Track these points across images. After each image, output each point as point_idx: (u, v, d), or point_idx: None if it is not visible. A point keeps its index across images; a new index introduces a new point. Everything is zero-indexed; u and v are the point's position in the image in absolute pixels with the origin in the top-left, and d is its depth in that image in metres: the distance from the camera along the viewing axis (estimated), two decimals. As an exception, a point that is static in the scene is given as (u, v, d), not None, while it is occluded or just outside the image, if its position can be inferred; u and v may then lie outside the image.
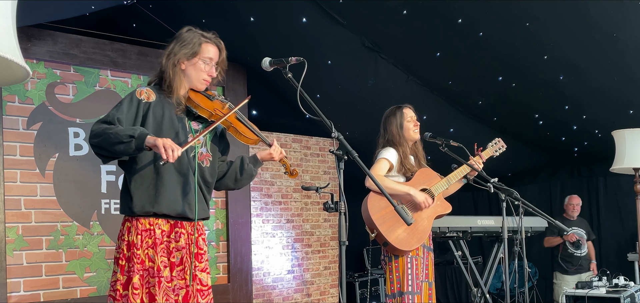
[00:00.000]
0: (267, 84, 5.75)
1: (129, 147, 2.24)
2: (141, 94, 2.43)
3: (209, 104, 2.52)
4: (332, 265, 6.52)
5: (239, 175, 2.66)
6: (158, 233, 2.39)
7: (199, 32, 2.54)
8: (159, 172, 2.39)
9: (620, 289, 5.02)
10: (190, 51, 2.48)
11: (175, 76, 2.46)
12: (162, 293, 2.33)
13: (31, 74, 1.82)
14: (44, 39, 4.35)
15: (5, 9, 1.62)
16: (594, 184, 6.90)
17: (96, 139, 2.28)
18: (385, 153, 3.52)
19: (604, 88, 4.94)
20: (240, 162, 2.66)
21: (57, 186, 4.37)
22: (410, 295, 3.38)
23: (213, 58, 2.54)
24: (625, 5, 4.04)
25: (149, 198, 2.37)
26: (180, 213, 2.41)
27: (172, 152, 2.22)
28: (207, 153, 2.55)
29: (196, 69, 2.50)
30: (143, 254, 2.36)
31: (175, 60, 2.47)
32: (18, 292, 4.14)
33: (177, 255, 2.41)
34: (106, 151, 2.28)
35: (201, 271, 2.47)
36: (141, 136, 2.24)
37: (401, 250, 3.36)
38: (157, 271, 2.34)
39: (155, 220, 2.39)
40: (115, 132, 2.25)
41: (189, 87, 2.53)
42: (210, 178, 2.55)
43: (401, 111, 3.60)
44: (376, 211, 3.36)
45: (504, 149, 3.84)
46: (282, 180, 6.11)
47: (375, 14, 4.57)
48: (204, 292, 2.46)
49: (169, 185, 2.39)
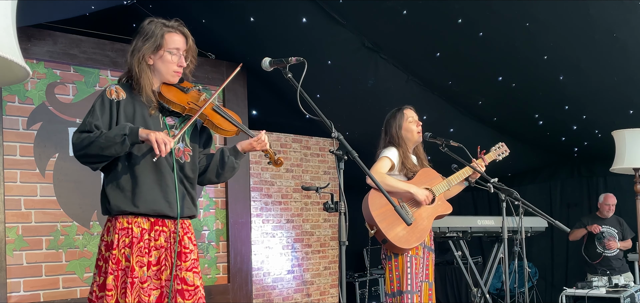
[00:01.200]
0: (267, 84, 5.75)
1: (125, 145, 2.20)
2: (111, 93, 2.35)
3: (183, 98, 2.41)
4: (332, 265, 6.52)
5: (220, 169, 2.53)
6: (136, 232, 2.30)
7: (161, 22, 2.42)
8: (133, 171, 2.32)
9: (620, 289, 5.02)
10: (153, 44, 2.37)
11: (142, 73, 2.36)
12: (134, 294, 2.25)
13: (31, 74, 1.82)
14: (44, 39, 4.35)
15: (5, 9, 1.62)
16: (594, 185, 6.90)
17: (82, 151, 2.23)
18: (387, 152, 3.53)
19: (604, 88, 4.94)
20: (221, 155, 2.54)
21: (57, 186, 4.37)
22: (409, 294, 3.39)
23: (180, 47, 2.41)
24: (625, 5, 4.04)
25: (124, 198, 2.30)
26: (158, 212, 2.33)
27: (164, 146, 2.17)
28: (186, 147, 2.44)
29: (164, 62, 2.38)
30: (119, 253, 2.28)
31: (140, 56, 2.36)
32: (18, 292, 4.14)
33: (154, 254, 2.33)
34: (97, 157, 2.23)
35: (186, 270, 2.36)
36: (133, 131, 2.21)
37: (400, 247, 3.36)
38: (131, 271, 2.26)
39: (134, 218, 2.31)
40: (105, 136, 2.20)
41: (161, 81, 2.42)
42: (191, 174, 2.45)
43: (401, 112, 3.61)
44: (376, 208, 3.37)
45: (507, 154, 3.83)
46: (282, 180, 6.11)
47: (375, 14, 4.57)
48: (190, 292, 2.36)
49: (145, 184, 2.32)
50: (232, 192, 5.36)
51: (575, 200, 7.10)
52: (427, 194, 3.45)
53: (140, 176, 2.32)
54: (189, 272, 2.38)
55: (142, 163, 2.33)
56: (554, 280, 7.13)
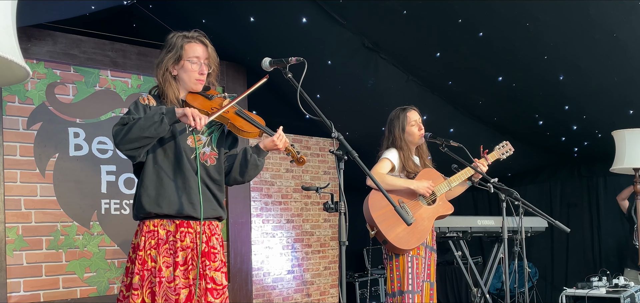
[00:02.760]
0: (267, 84, 5.73)
1: (163, 124, 2.29)
2: (144, 100, 2.49)
3: (207, 104, 2.53)
4: (332, 265, 6.52)
5: (243, 167, 2.64)
6: (162, 234, 2.43)
7: (182, 35, 2.55)
8: (159, 175, 2.45)
9: (620, 289, 5.02)
10: (174, 55, 2.51)
11: (166, 83, 2.51)
12: (161, 294, 2.36)
13: (31, 74, 1.82)
14: (44, 39, 4.35)
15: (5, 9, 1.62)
16: (594, 184, 6.90)
17: (124, 137, 2.31)
18: (387, 153, 3.54)
19: (604, 88, 4.94)
20: (243, 153, 2.66)
21: (57, 186, 4.37)
22: (410, 294, 3.39)
23: (200, 56, 2.54)
24: (625, 5, 4.04)
25: (149, 201, 2.42)
26: (182, 213, 2.44)
27: (199, 120, 2.28)
28: (212, 151, 2.57)
29: (186, 71, 2.52)
30: (145, 255, 2.40)
31: (164, 67, 2.51)
32: (18, 292, 4.14)
33: (181, 255, 2.43)
34: (138, 140, 2.30)
35: (215, 270, 2.48)
36: (170, 110, 2.32)
37: (400, 248, 3.36)
38: (159, 271, 2.38)
39: (159, 221, 2.44)
40: (144, 118, 2.31)
41: (186, 91, 2.56)
42: (217, 176, 2.57)
43: (405, 113, 3.61)
44: (377, 209, 3.37)
45: (511, 153, 3.83)
46: (282, 180, 6.11)
47: (375, 14, 4.57)
48: (219, 291, 2.48)
49: (169, 187, 2.44)
50: (232, 192, 5.36)
51: (575, 200, 7.10)
52: (428, 183, 3.44)
53: (164, 180, 2.45)
54: (217, 272, 2.49)
55: (168, 166, 2.46)
56: (554, 280, 7.13)
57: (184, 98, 2.54)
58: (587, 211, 6.93)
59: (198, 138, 2.51)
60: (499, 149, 3.80)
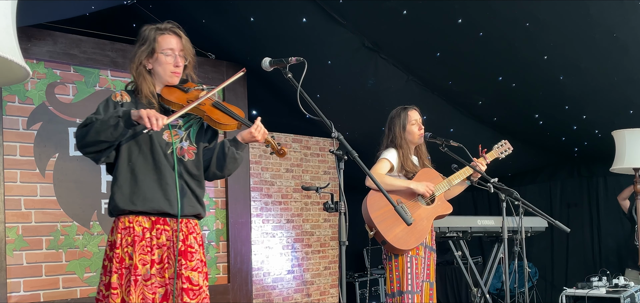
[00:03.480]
0: (267, 84, 5.75)
1: (119, 127, 2.23)
2: (116, 96, 2.43)
3: (183, 97, 2.45)
4: (332, 265, 6.52)
5: (221, 161, 2.53)
6: (138, 231, 2.35)
7: (155, 27, 2.48)
8: (133, 171, 2.37)
9: (620, 289, 5.02)
10: (147, 48, 2.44)
11: (140, 77, 2.44)
12: (138, 291, 2.29)
13: (31, 74, 1.82)
14: (44, 39, 4.35)
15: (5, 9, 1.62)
16: (594, 184, 6.90)
17: (82, 140, 2.28)
18: (386, 154, 3.54)
19: (604, 88, 4.94)
20: (221, 146, 2.55)
21: (57, 186, 4.37)
22: (409, 295, 3.39)
23: (174, 48, 2.45)
24: (625, 5, 4.04)
25: (123, 198, 2.35)
26: (158, 210, 2.37)
27: (155, 121, 2.20)
28: (191, 145, 2.48)
29: (161, 64, 2.45)
30: (122, 252, 2.33)
31: (138, 62, 2.44)
32: (18, 292, 4.14)
33: (157, 253, 2.36)
34: (96, 144, 2.26)
35: (191, 270, 2.39)
36: (126, 113, 2.25)
37: (399, 249, 3.36)
38: (134, 269, 2.30)
39: (135, 217, 2.36)
40: (100, 121, 2.25)
41: (162, 84, 2.48)
42: (196, 171, 2.48)
43: (406, 112, 3.61)
44: (375, 209, 3.37)
45: (510, 152, 3.81)
46: (282, 180, 6.11)
47: (375, 14, 4.57)
48: (195, 292, 2.38)
49: (144, 183, 2.36)
50: (232, 192, 5.36)
51: (575, 200, 7.10)
52: (428, 184, 3.44)
53: (139, 175, 2.37)
54: (194, 272, 2.40)
55: (143, 162, 2.38)
56: (554, 280, 7.13)
57: (160, 92, 2.46)
58: (587, 211, 6.92)
59: (175, 133, 2.42)
60: (497, 148, 3.79)
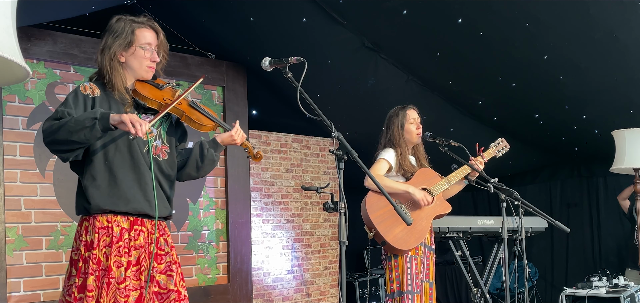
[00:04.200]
0: (267, 84, 5.75)
1: (95, 130, 2.11)
2: (86, 89, 2.30)
3: (158, 94, 2.39)
4: (332, 265, 6.52)
5: (199, 162, 2.49)
6: (116, 231, 2.26)
7: (130, 19, 2.40)
8: (111, 170, 2.28)
9: (620, 289, 5.02)
10: (124, 41, 2.34)
11: (114, 71, 2.32)
12: (110, 294, 2.20)
13: (31, 74, 1.82)
14: (44, 39, 4.35)
15: (5, 9, 1.62)
16: (594, 184, 6.90)
17: (51, 136, 2.15)
18: (384, 154, 3.54)
19: (604, 88, 4.94)
20: (200, 148, 2.50)
21: (57, 186, 4.37)
22: (409, 295, 3.39)
23: (151, 43, 2.39)
24: (625, 5, 4.03)
25: (101, 197, 2.26)
26: (138, 211, 2.30)
27: (139, 127, 2.10)
28: (163, 145, 2.42)
29: (137, 58, 2.36)
30: (100, 253, 2.24)
31: (111, 54, 2.33)
32: (18, 292, 4.14)
33: (134, 254, 2.29)
34: (67, 143, 2.14)
35: (160, 273, 2.34)
36: (104, 116, 2.13)
37: (399, 249, 3.37)
38: (108, 271, 2.21)
39: (113, 217, 2.27)
40: (74, 120, 2.12)
41: (134, 78, 2.40)
42: (170, 171, 2.43)
43: (404, 111, 3.61)
44: (374, 210, 3.37)
45: (507, 150, 3.82)
46: (282, 180, 6.11)
47: (375, 14, 4.56)
48: (162, 295, 2.32)
49: (124, 183, 2.28)
50: (232, 192, 5.36)
51: (575, 200, 7.09)
52: (425, 194, 3.44)
53: (119, 174, 2.28)
54: (162, 275, 2.34)
55: (121, 161, 2.30)
56: (554, 280, 7.13)
57: (132, 87, 2.38)
58: (587, 211, 6.92)
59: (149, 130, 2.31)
60: (494, 147, 3.80)
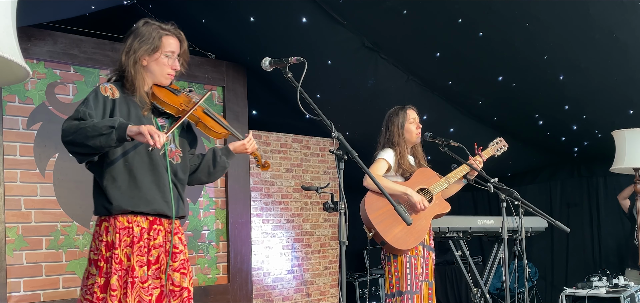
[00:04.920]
0: (267, 84, 5.75)
1: (110, 139, 2.15)
2: (106, 90, 2.34)
3: (175, 100, 2.45)
4: (332, 265, 6.52)
5: (212, 168, 2.57)
6: (136, 231, 2.32)
7: (157, 25, 2.44)
8: (131, 171, 2.33)
9: (620, 289, 5.02)
10: (150, 47, 2.38)
11: (137, 74, 2.37)
12: (134, 294, 2.27)
13: (31, 74, 1.82)
14: (44, 39, 4.35)
15: (5, 9, 1.62)
16: (594, 184, 6.90)
17: (70, 137, 2.19)
18: (383, 154, 3.54)
19: (604, 88, 4.94)
20: (213, 155, 2.58)
21: (57, 186, 4.37)
22: (409, 295, 3.39)
23: (175, 51, 2.44)
24: (625, 5, 4.04)
25: (122, 197, 2.31)
26: (158, 211, 2.36)
27: (158, 138, 2.14)
28: (176, 148, 2.48)
29: (159, 64, 2.41)
30: (121, 253, 2.29)
31: (136, 57, 2.37)
32: (18, 292, 4.14)
33: (154, 253, 2.36)
34: (83, 147, 2.19)
35: (174, 271, 2.39)
36: (122, 125, 2.16)
37: (398, 249, 3.37)
38: (131, 271, 2.27)
39: (133, 217, 2.33)
40: (92, 125, 2.16)
41: (152, 82, 2.44)
42: (182, 174, 2.49)
43: (404, 111, 3.62)
44: (373, 210, 3.37)
45: (506, 149, 3.83)
46: (282, 180, 6.11)
47: (375, 14, 4.57)
48: (175, 294, 2.39)
49: (143, 184, 2.34)
50: (232, 192, 5.36)
51: (575, 200, 7.09)
52: (421, 198, 3.43)
53: (138, 176, 2.34)
54: (176, 273, 2.41)
55: (140, 163, 2.35)
56: (554, 280, 7.13)
57: (150, 90, 2.43)
58: (587, 211, 6.92)
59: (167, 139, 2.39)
60: (493, 146, 3.80)
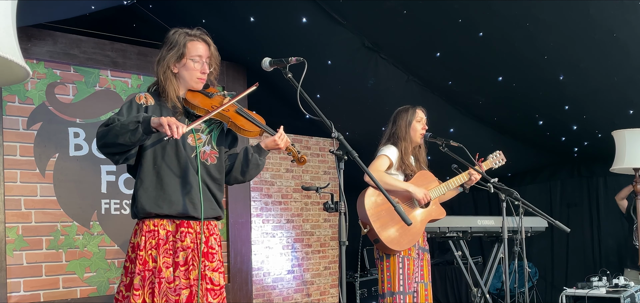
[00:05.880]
0: (267, 84, 5.74)
1: (137, 132, 2.25)
2: (140, 99, 2.47)
3: (207, 102, 2.51)
4: (332, 265, 6.52)
5: (244, 167, 2.63)
6: (162, 234, 2.41)
7: (184, 32, 2.52)
8: (159, 174, 2.42)
9: (620, 289, 5.02)
10: (177, 53, 2.48)
11: (167, 81, 2.47)
12: (161, 295, 2.35)
13: (31, 74, 1.82)
14: (44, 39, 4.35)
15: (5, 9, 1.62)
16: (594, 184, 6.90)
17: (102, 140, 2.31)
18: (385, 150, 3.54)
19: (604, 88, 4.94)
20: (244, 153, 2.64)
21: (57, 186, 4.37)
22: (401, 296, 3.40)
23: (202, 55, 2.52)
24: (625, 5, 4.03)
25: (149, 200, 2.40)
26: (182, 213, 2.42)
27: (176, 128, 2.22)
28: (212, 150, 2.55)
29: (188, 70, 2.50)
30: (146, 255, 2.38)
31: (165, 65, 2.48)
32: (18, 292, 4.14)
33: (181, 255, 2.42)
34: (115, 146, 2.30)
35: (212, 271, 2.48)
36: (146, 119, 2.27)
37: (391, 249, 3.37)
38: (159, 272, 2.36)
39: (159, 221, 2.41)
40: (120, 124, 2.28)
41: (186, 88, 2.54)
42: (218, 175, 2.55)
43: (414, 110, 3.64)
44: (371, 206, 3.38)
45: (503, 163, 3.93)
46: (282, 180, 6.11)
47: (375, 14, 4.57)
48: (216, 292, 2.47)
49: (169, 186, 2.41)
50: (232, 192, 5.36)
51: (575, 200, 7.09)
52: (426, 192, 3.45)
53: (165, 178, 2.42)
54: (215, 273, 2.49)
55: (168, 165, 2.43)
56: (554, 280, 7.13)
57: (184, 96, 2.51)
58: (587, 211, 6.92)
59: (198, 136, 2.49)
60: (492, 158, 3.89)
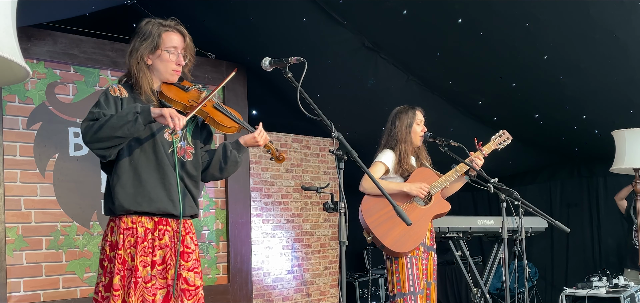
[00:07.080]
0: (267, 84, 5.75)
1: (137, 124, 2.18)
2: (115, 91, 2.35)
3: (183, 96, 2.42)
4: (332, 265, 6.52)
5: (223, 163, 2.53)
6: (141, 232, 2.31)
7: (158, 22, 2.43)
8: (136, 171, 2.32)
9: (620, 289, 5.02)
10: (151, 44, 2.38)
11: (141, 73, 2.37)
12: (137, 294, 2.26)
13: (31, 74, 1.82)
14: (44, 39, 4.34)
15: (5, 9, 1.62)
16: (594, 184, 6.89)
17: (94, 136, 2.20)
18: (381, 156, 3.53)
19: (604, 88, 4.94)
20: (223, 149, 2.54)
21: (57, 186, 4.37)
22: (412, 296, 3.39)
23: (177, 46, 2.42)
24: (625, 5, 4.03)
25: (128, 197, 2.30)
26: (162, 210, 2.34)
27: (178, 121, 2.17)
28: (188, 145, 2.46)
29: (162, 61, 2.40)
30: (125, 253, 2.29)
31: (138, 56, 2.37)
32: (18, 292, 4.14)
33: (159, 254, 2.34)
34: (109, 140, 2.20)
35: (188, 270, 2.39)
36: (145, 109, 2.19)
37: (397, 252, 3.37)
38: (135, 271, 2.27)
39: (138, 218, 2.32)
40: (116, 117, 2.19)
41: (160, 81, 2.43)
42: (194, 171, 2.47)
43: (414, 111, 3.61)
44: (370, 215, 3.38)
45: (510, 142, 3.74)
46: (282, 180, 6.11)
47: (375, 14, 4.56)
48: (191, 292, 2.38)
49: (148, 183, 2.32)
50: (232, 192, 5.36)
51: (575, 200, 7.09)
52: (420, 184, 3.42)
53: (143, 175, 2.33)
54: (190, 272, 2.40)
55: (146, 161, 2.34)
56: (554, 280, 7.13)
57: (159, 89, 2.42)
58: (587, 211, 6.91)
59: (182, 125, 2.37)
60: (495, 140, 3.72)
